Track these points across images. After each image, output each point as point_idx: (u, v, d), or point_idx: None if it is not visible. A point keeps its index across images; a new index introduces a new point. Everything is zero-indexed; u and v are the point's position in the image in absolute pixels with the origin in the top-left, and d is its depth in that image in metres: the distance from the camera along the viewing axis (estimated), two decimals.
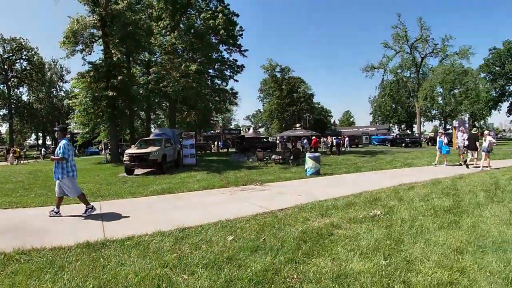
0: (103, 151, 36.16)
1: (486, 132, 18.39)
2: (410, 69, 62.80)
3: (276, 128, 78.33)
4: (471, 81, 54.02)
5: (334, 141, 33.75)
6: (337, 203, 8.62)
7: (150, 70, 33.69)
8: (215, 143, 56.75)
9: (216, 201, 9.92)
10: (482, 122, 78.49)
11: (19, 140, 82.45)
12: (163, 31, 33.80)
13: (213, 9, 35.77)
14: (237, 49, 38.56)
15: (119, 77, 26.81)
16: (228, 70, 38.98)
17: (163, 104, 39.47)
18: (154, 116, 43.35)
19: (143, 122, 40.59)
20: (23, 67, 65.21)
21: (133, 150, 18.96)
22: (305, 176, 15.26)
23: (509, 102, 76.73)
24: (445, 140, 18.79)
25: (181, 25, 34.33)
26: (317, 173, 15.59)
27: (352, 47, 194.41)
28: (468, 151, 18.22)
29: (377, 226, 6.43)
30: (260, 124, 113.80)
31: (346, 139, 44.16)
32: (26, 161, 39.51)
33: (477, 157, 17.66)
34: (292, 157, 21.74)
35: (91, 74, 27.95)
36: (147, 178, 15.82)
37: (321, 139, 48.77)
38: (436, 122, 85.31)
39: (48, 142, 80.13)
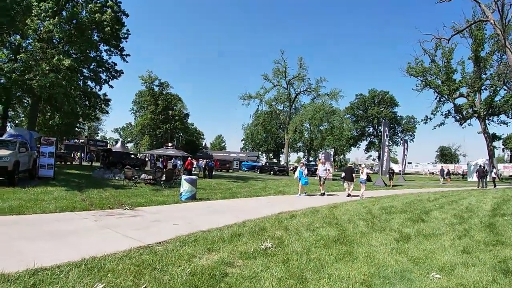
0: None
1: (362, 165, 21.11)
2: (284, 102, 66.52)
3: (146, 144, 75.19)
4: (338, 120, 58.84)
5: (207, 164, 32.97)
6: (222, 233, 7.73)
7: (18, 56, 28.69)
8: (78, 154, 51.97)
9: (78, 229, 7.93)
10: (341, 156, 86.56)
11: None
12: (43, 14, 28.94)
13: (103, 2, 32.08)
14: (119, 52, 35.27)
15: None
16: (104, 73, 35.39)
17: (25, 100, 34.69)
18: (13, 113, 37.15)
19: None
20: None
21: None
22: (180, 201, 13.94)
23: (367, 141, 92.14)
24: (305, 171, 19.30)
25: (64, 13, 30.28)
26: (193, 198, 14.42)
27: (232, 73, 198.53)
28: (345, 181, 19.61)
29: (273, 262, 5.78)
30: (129, 139, 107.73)
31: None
32: None
33: (352, 187, 19.40)
34: (164, 178, 20.07)
35: None
36: None
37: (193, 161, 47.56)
38: (301, 154, 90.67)
39: None
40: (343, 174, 20.14)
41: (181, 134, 76.72)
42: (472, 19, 43.82)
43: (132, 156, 44.21)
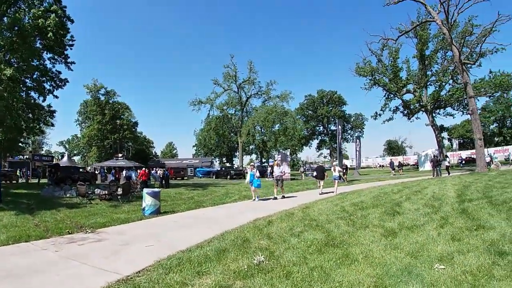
0: None
1: (334, 163, 21.26)
2: (236, 106, 66.05)
3: (94, 157, 72.16)
4: (290, 121, 59.12)
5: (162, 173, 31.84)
6: (206, 252, 6.94)
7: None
8: (22, 171, 48.41)
9: (38, 264, 6.58)
10: (293, 156, 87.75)
11: None
12: None
13: (47, 7, 29.87)
14: (63, 60, 32.91)
15: None
16: (48, 83, 32.94)
17: None
18: None
19: None
20: None
21: None
22: (144, 216, 12.83)
23: (318, 140, 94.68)
24: (257, 174, 18.01)
25: (5, 19, 27.86)
26: (157, 212, 13.34)
27: (180, 79, 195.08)
28: (317, 180, 20.32)
29: (275, 278, 5.27)
30: (75, 151, 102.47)
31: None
32: None
33: (322, 184, 19.83)
34: (121, 192, 18.79)
35: None
36: None
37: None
38: (254, 156, 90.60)
39: None
40: (314, 173, 20.83)
41: (131, 143, 74.37)
42: (416, 20, 45.84)
43: (81, 170, 41.76)
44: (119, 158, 54.66)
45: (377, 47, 50.89)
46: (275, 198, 17.88)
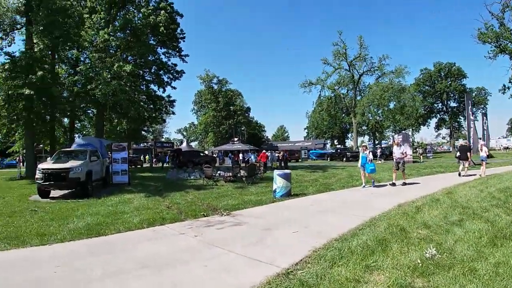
0: (20, 163, 31.13)
1: (481, 142, 19.81)
2: (348, 85, 62.91)
3: (211, 141, 75.22)
4: (408, 98, 54.95)
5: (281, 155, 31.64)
6: (365, 241, 5.96)
7: (77, 69, 28.92)
8: (146, 157, 52.33)
9: (178, 251, 6.06)
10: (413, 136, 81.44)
11: None
12: (96, 25, 29.18)
13: (155, 5, 31.80)
14: (177, 53, 34.86)
15: (39, 73, 22.32)
16: (166, 76, 35.10)
17: (89, 112, 34.78)
18: (80, 125, 37.81)
19: (66, 131, 35.38)
20: None
21: (47, 164, 14.57)
22: (275, 199, 12.23)
23: (437, 118, 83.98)
24: (370, 156, 15.29)
25: (117, 22, 30.09)
26: (288, 194, 12.69)
27: (287, 62, 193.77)
28: (460, 161, 18.54)
29: (461, 276, 4.24)
30: (192, 138, 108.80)
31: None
32: None
33: (468, 166, 18.33)
34: (246, 174, 18.58)
35: (6, 67, 23.11)
36: (66, 205, 11.90)
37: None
38: (366, 138, 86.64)
39: None
40: (457, 153, 18.75)
41: (244, 128, 76.03)
42: None
43: (201, 154, 43.39)
44: (235, 142, 56.17)
45: (497, 9, 44.12)
46: (393, 184, 15.33)
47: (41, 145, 36.34)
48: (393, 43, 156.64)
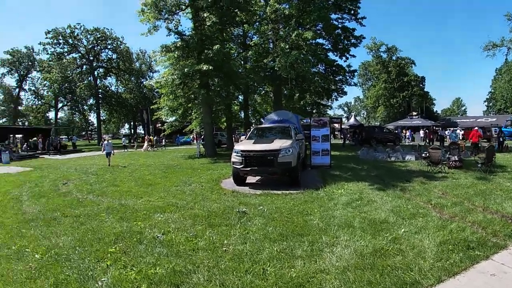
0: (195, 141, 30.74)
1: None
2: None
3: (381, 116, 69.09)
4: None
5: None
6: None
7: (251, 43, 26.97)
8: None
9: None
10: None
11: (113, 129, 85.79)
12: None
13: None
14: (353, 17, 29.78)
15: (216, 46, 20.73)
16: (344, 42, 30.34)
17: (262, 88, 32.65)
18: (252, 102, 36.17)
19: (240, 109, 34.03)
20: (109, 56, 63.53)
21: (248, 145, 11.70)
22: None
23: None
24: None
25: None
26: None
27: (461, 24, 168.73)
28: None
29: None
30: (353, 113, 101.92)
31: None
32: (157, 149, 35.82)
33: None
34: (483, 159, 13.68)
35: (178, 45, 22.25)
36: (283, 200, 8.77)
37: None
38: None
39: (140, 131, 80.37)
40: None
41: (417, 101, 67.91)
42: None
43: (385, 130, 37.95)
44: (414, 117, 49.70)
45: None
46: None
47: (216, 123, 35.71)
48: None
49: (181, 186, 11.53)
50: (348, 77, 32.29)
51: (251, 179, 12.17)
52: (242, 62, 27.60)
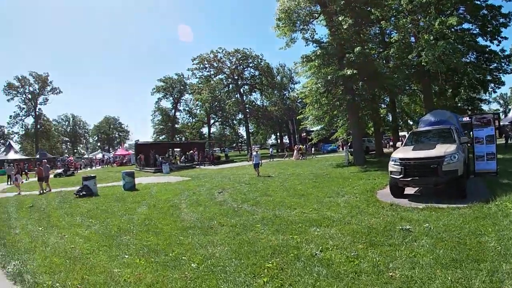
0: (341, 148, 30.01)
1: None
2: None
3: None
4: None
5: None
6: None
7: (391, 39, 25.66)
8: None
9: None
10: None
11: (261, 140, 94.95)
12: None
13: None
14: None
15: (357, 48, 20.34)
16: (493, 23, 26.29)
17: (409, 87, 30.04)
18: (398, 103, 33.53)
19: (387, 112, 32.32)
20: (252, 74, 68.56)
21: (407, 152, 10.57)
22: None
23: None
24: None
25: None
26: None
27: None
28: None
29: None
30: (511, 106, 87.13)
31: None
32: (306, 158, 36.58)
33: None
34: None
35: (318, 53, 22.29)
36: (441, 212, 8.00)
37: None
38: None
39: (286, 141, 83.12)
40: None
41: None
42: None
43: None
44: None
45: None
46: None
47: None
48: None
49: (334, 197, 11.21)
50: (503, 64, 27.76)
51: (409, 190, 10.99)
52: (384, 62, 26.40)
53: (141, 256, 6.39)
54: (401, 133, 34.18)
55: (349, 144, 26.51)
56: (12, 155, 58.53)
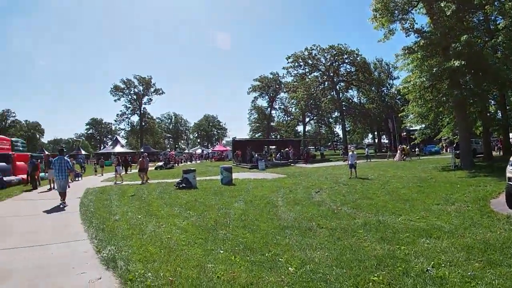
0: (445, 149, 27.53)
1: None
2: None
3: None
4: None
5: None
6: None
7: (498, 26, 22.54)
8: None
9: None
10: None
11: (357, 139, 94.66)
12: None
13: None
14: None
15: (463, 37, 18.44)
16: None
17: None
18: (508, 99, 29.61)
19: (496, 109, 28.87)
20: (348, 70, 66.02)
21: None
22: None
23: None
24: None
25: None
26: None
27: None
28: None
29: None
30: None
31: None
32: (409, 159, 34.98)
33: None
34: None
35: (421, 44, 20.91)
36: None
37: None
38: None
39: (385, 141, 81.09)
40: None
41: None
42: None
43: None
44: None
45: None
46: None
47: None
48: None
49: (443, 204, 10.04)
50: None
51: None
52: (491, 52, 23.49)
53: (236, 253, 6.15)
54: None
55: (454, 145, 24.20)
56: (118, 149, 65.46)
